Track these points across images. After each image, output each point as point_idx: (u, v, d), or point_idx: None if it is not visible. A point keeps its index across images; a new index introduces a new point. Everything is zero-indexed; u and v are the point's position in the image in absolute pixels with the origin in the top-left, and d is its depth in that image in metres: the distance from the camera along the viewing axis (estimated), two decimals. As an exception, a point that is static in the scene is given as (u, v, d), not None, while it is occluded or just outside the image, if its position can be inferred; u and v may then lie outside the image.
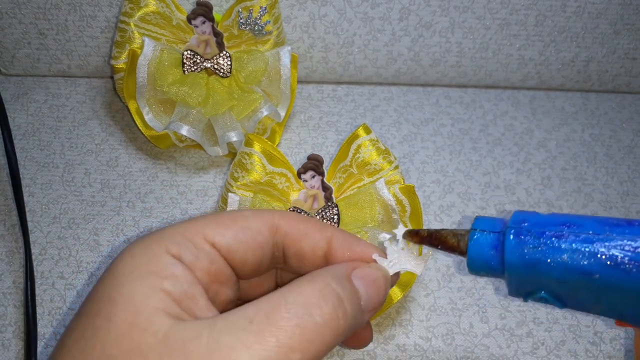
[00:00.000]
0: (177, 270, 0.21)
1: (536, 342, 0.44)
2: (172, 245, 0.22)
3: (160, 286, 0.20)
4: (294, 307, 0.20)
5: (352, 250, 0.25)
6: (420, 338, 0.44)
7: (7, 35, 0.56)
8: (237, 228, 0.24)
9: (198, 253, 0.22)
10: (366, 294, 0.23)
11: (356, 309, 0.22)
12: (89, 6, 0.54)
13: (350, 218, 0.45)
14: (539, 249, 0.22)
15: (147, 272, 0.21)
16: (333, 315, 0.21)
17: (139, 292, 0.20)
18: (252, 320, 0.20)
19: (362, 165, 0.46)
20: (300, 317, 0.20)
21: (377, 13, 0.55)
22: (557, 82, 0.61)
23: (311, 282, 0.22)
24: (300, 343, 0.19)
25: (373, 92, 0.60)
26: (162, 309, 0.20)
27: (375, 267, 0.24)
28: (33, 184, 0.51)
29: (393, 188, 0.45)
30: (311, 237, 0.25)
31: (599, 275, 0.21)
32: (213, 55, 0.51)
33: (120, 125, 0.55)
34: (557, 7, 0.56)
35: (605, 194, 0.54)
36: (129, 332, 0.19)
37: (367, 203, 0.44)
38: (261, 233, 0.24)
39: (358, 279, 0.23)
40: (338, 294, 0.21)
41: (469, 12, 0.56)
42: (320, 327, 0.20)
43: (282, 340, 0.19)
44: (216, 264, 0.23)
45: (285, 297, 0.21)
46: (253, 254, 0.24)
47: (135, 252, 0.22)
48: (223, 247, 0.23)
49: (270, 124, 0.53)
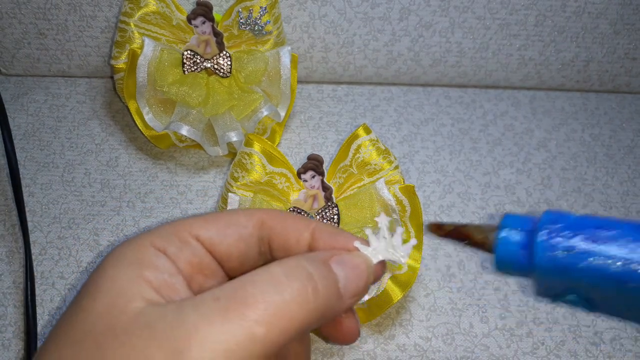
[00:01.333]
0: (159, 261, 0.22)
1: (536, 342, 0.44)
2: (157, 239, 0.23)
3: (141, 274, 0.22)
4: (261, 285, 0.20)
5: (335, 240, 0.25)
6: (420, 338, 0.44)
7: (7, 35, 0.56)
8: (221, 223, 0.25)
9: (182, 246, 0.23)
10: (345, 277, 0.23)
11: (331, 291, 0.22)
12: (89, 6, 0.54)
13: (350, 218, 0.45)
14: (571, 253, 0.21)
15: (131, 262, 0.22)
16: (302, 291, 0.21)
17: (122, 278, 0.22)
18: (218, 298, 0.20)
19: (362, 165, 0.46)
20: (266, 292, 0.20)
21: (377, 13, 0.55)
22: (557, 82, 0.61)
23: (282, 262, 0.22)
24: (265, 317, 0.19)
25: (373, 92, 0.60)
26: (140, 295, 0.21)
27: (357, 255, 0.24)
28: (33, 184, 0.51)
29: (393, 188, 0.45)
30: (295, 229, 0.25)
31: (635, 284, 0.20)
32: (213, 55, 0.51)
33: (120, 125, 0.55)
34: (557, 7, 0.56)
35: (605, 194, 0.54)
36: (107, 313, 0.20)
37: (367, 203, 0.44)
38: (246, 227, 0.25)
39: (336, 264, 0.23)
40: (308, 272, 0.21)
41: (469, 12, 0.56)
42: (287, 303, 0.20)
43: (246, 314, 0.19)
44: (198, 256, 0.24)
45: (253, 276, 0.21)
46: (237, 247, 0.25)
47: (124, 246, 0.24)
48: (206, 240, 0.24)
49: (270, 124, 0.53)
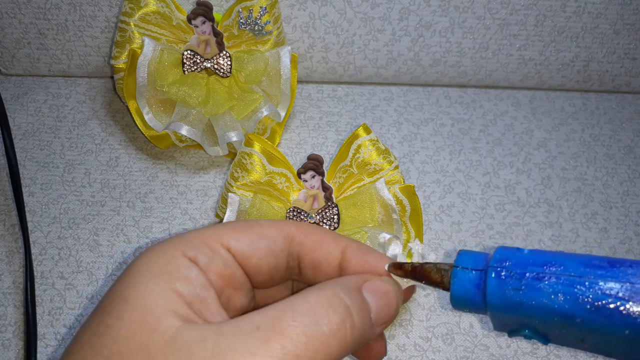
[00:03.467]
0: (191, 273, 0.21)
1: (536, 342, 0.44)
2: (188, 248, 0.22)
3: (173, 287, 0.21)
4: (301, 316, 0.20)
5: (365, 260, 0.25)
6: (420, 338, 0.44)
7: (7, 35, 0.56)
8: (252, 235, 0.24)
9: (213, 256, 0.23)
10: (377, 307, 0.23)
11: (365, 322, 0.22)
12: (89, 6, 0.54)
13: (350, 218, 0.45)
14: (520, 291, 0.22)
15: (161, 272, 0.21)
16: (341, 325, 0.21)
17: (151, 291, 0.20)
18: (259, 327, 0.20)
19: (362, 165, 0.46)
20: (307, 325, 0.20)
21: (377, 13, 0.55)
22: (557, 82, 0.61)
23: (319, 291, 0.22)
24: (305, 351, 0.19)
25: (373, 92, 0.60)
26: (172, 310, 0.20)
27: (387, 280, 0.24)
28: (33, 184, 0.51)
29: (393, 188, 0.45)
30: (325, 247, 0.25)
31: (581, 319, 0.21)
32: (213, 55, 0.51)
33: (120, 125, 0.55)
34: (557, 7, 0.56)
35: (605, 194, 0.54)
36: (138, 331, 0.19)
37: (367, 203, 0.44)
38: (276, 241, 0.24)
39: (368, 292, 0.23)
40: (346, 304, 0.21)
41: (469, 12, 0.56)
42: (327, 337, 0.20)
43: (287, 347, 0.19)
44: (230, 268, 0.23)
45: (293, 305, 0.21)
46: (267, 261, 0.24)
47: (153, 254, 0.22)
48: (238, 252, 0.23)
49: (270, 124, 0.53)
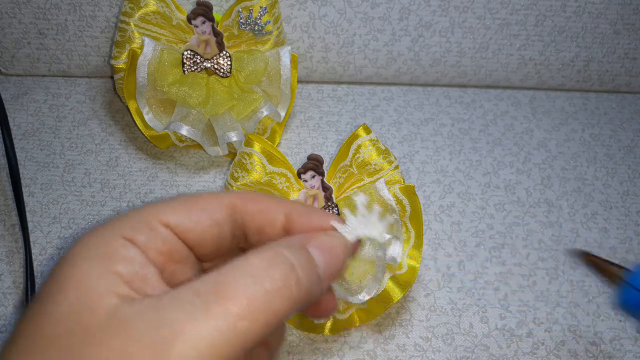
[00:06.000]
0: (129, 253, 0.21)
1: (536, 342, 0.44)
2: (126, 228, 0.22)
3: (111, 268, 0.20)
4: (241, 277, 0.20)
5: (310, 220, 0.25)
6: (420, 338, 0.44)
7: (7, 35, 0.56)
8: (192, 208, 0.24)
9: (151, 234, 0.22)
10: (323, 261, 0.23)
11: (312, 277, 0.22)
12: (89, 6, 0.54)
13: None
14: None
15: (97, 255, 0.21)
16: (285, 282, 0.20)
17: (88, 274, 0.20)
18: (199, 293, 0.19)
19: (362, 165, 0.46)
20: (248, 285, 0.20)
21: (377, 13, 0.55)
22: (557, 82, 0.61)
23: (261, 252, 0.21)
24: (248, 312, 0.19)
25: (373, 92, 0.60)
26: (111, 290, 0.20)
27: (333, 235, 0.24)
28: (33, 184, 0.51)
29: (393, 188, 0.45)
30: (269, 211, 0.25)
31: None
32: (213, 55, 0.51)
33: (120, 125, 0.55)
34: (557, 7, 0.56)
35: (605, 194, 0.54)
36: (76, 313, 0.19)
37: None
38: (218, 211, 0.24)
39: (314, 248, 0.23)
40: (289, 261, 0.21)
41: (469, 12, 0.56)
42: (270, 295, 0.20)
43: (229, 310, 0.19)
44: (169, 244, 0.23)
45: (233, 269, 0.20)
46: (210, 232, 0.24)
47: (88, 239, 0.22)
48: (178, 227, 0.23)
49: (270, 124, 0.53)
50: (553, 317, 0.45)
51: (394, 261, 0.42)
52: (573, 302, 0.47)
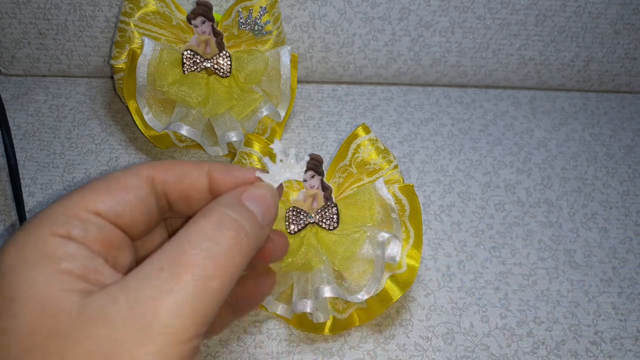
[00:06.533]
0: (70, 249, 0.21)
1: (536, 342, 0.44)
2: (56, 226, 0.21)
3: (58, 268, 0.20)
4: (199, 242, 0.21)
5: (233, 176, 0.25)
6: (421, 338, 0.44)
7: (7, 35, 0.56)
8: (115, 191, 0.24)
9: (84, 226, 0.22)
10: (260, 211, 0.24)
11: (255, 227, 0.23)
12: (89, 6, 0.54)
13: (349, 218, 0.45)
14: None
15: (39, 258, 0.20)
16: (237, 238, 0.22)
17: (37, 280, 0.20)
18: (162, 267, 0.20)
19: (362, 164, 0.46)
20: (207, 249, 0.21)
21: (377, 13, 0.55)
22: (557, 82, 0.61)
23: (207, 216, 0.22)
24: (215, 271, 0.20)
25: (373, 92, 0.60)
26: (68, 289, 0.20)
27: (261, 185, 0.25)
28: (33, 184, 0.51)
29: (392, 188, 0.45)
30: (190, 176, 0.25)
31: None
32: (213, 55, 0.51)
33: (120, 125, 0.55)
34: (557, 7, 0.56)
35: (605, 194, 0.54)
36: (41, 321, 0.19)
37: (366, 203, 0.44)
38: (140, 188, 0.24)
39: (248, 200, 0.24)
40: (235, 218, 0.22)
41: (469, 12, 0.56)
42: (228, 252, 0.21)
43: (197, 274, 0.20)
44: (106, 231, 0.23)
45: (187, 237, 0.21)
46: (140, 211, 0.24)
47: (20, 243, 0.21)
48: (108, 213, 0.23)
49: (270, 124, 0.53)
50: (553, 317, 0.45)
51: (392, 260, 0.42)
52: (573, 301, 0.47)
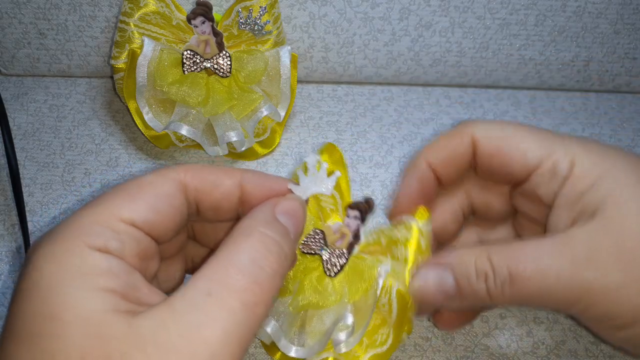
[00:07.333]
0: (109, 263, 0.20)
1: (536, 342, 0.44)
2: (93, 238, 0.20)
3: (99, 286, 0.19)
4: (244, 267, 0.21)
5: (265, 187, 0.25)
6: (420, 338, 0.44)
7: (7, 35, 0.56)
8: (149, 198, 0.23)
9: (121, 237, 0.21)
10: (292, 226, 0.24)
11: (291, 245, 0.24)
12: (89, 6, 0.54)
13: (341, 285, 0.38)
14: None
15: (79, 275, 0.19)
16: (279, 262, 0.22)
17: (79, 299, 0.19)
18: (209, 292, 0.20)
19: (393, 243, 0.38)
20: (254, 274, 0.21)
21: (377, 13, 0.55)
22: (557, 82, 0.61)
23: (247, 237, 0.22)
24: (260, 296, 0.21)
25: (373, 92, 0.60)
26: (112, 310, 0.19)
27: (292, 198, 0.25)
28: (33, 184, 0.51)
29: (392, 289, 0.37)
30: (223, 186, 0.25)
31: None
32: (213, 55, 0.51)
33: (120, 125, 0.55)
34: (557, 7, 0.56)
35: (606, 194, 0.54)
36: (90, 345, 0.18)
37: (367, 277, 0.37)
38: (175, 196, 0.24)
39: (281, 215, 0.24)
40: (276, 240, 0.22)
41: (469, 12, 0.56)
42: (273, 277, 0.21)
43: (245, 299, 0.20)
44: (143, 243, 0.22)
45: (230, 260, 0.21)
46: (173, 219, 0.24)
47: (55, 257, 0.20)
48: (143, 223, 0.22)
49: (270, 124, 0.53)
50: (553, 317, 0.45)
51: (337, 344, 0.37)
52: (573, 301, 0.47)
